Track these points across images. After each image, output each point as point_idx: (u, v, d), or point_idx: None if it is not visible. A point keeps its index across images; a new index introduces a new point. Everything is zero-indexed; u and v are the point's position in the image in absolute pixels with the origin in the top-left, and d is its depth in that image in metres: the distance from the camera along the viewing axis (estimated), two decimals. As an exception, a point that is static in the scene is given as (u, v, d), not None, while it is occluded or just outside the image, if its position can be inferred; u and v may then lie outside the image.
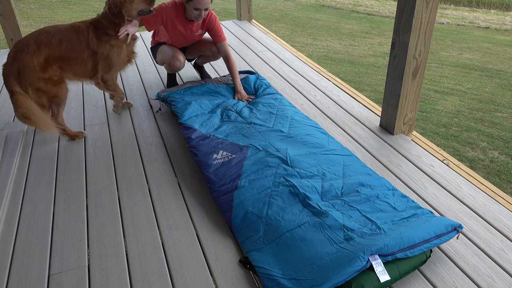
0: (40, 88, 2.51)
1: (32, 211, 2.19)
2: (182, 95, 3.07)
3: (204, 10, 2.90)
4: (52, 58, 2.53)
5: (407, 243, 1.69)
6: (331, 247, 1.74)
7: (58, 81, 2.58)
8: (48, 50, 2.50)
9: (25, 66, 2.44)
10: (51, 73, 2.53)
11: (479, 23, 11.28)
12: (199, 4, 2.85)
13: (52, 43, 2.51)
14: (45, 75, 2.50)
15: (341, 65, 7.88)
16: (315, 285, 1.59)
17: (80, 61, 2.61)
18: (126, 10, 2.59)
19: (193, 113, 2.85)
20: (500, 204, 2.15)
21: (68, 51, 2.56)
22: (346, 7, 12.95)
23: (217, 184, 2.23)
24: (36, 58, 2.46)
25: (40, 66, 2.48)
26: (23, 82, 2.45)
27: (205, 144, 2.54)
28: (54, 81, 2.56)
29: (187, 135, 2.64)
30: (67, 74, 2.65)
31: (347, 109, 3.15)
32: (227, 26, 5.17)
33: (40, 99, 2.53)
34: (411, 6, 2.34)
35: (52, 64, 2.54)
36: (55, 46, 2.52)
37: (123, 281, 1.77)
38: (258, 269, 1.75)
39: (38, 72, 2.47)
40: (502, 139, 5.19)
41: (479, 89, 6.80)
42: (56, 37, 2.53)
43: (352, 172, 2.26)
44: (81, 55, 2.60)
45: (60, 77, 2.60)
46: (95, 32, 2.60)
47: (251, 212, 2.01)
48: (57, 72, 2.57)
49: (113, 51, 2.65)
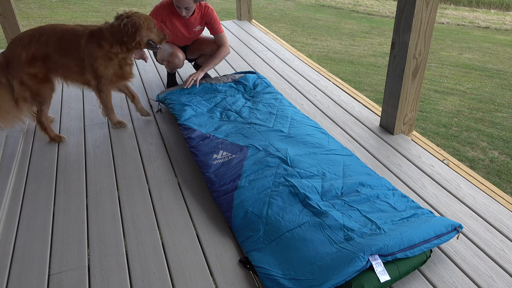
0: (24, 82, 2.52)
1: (32, 211, 2.19)
2: (178, 96, 3.07)
3: (184, 8, 2.95)
4: (40, 56, 2.52)
5: (407, 243, 1.69)
6: (331, 247, 1.74)
7: (42, 79, 2.57)
8: (37, 47, 2.50)
9: (14, 57, 2.48)
10: (36, 70, 2.53)
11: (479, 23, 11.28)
12: (178, 2, 2.93)
13: (42, 41, 2.51)
14: (31, 70, 2.51)
15: (341, 65, 7.88)
16: (315, 285, 1.59)
17: (67, 64, 2.58)
18: (140, 35, 2.56)
19: (191, 114, 2.86)
20: (500, 204, 2.15)
21: (56, 52, 2.54)
22: (346, 7, 12.95)
23: (217, 184, 2.23)
24: (25, 52, 2.48)
25: (27, 60, 2.49)
26: (10, 72, 2.48)
27: (205, 144, 2.54)
28: (38, 78, 2.55)
29: (187, 136, 2.64)
30: (56, 75, 2.64)
31: (347, 109, 3.15)
32: (227, 26, 5.17)
33: (23, 93, 2.54)
34: (411, 6, 2.34)
35: (38, 61, 2.53)
36: (44, 44, 2.51)
37: (123, 281, 1.77)
38: (258, 269, 1.75)
39: (24, 66, 2.49)
40: (502, 139, 5.19)
41: (479, 89, 6.80)
42: (49, 36, 2.52)
43: (352, 172, 2.26)
44: (68, 59, 2.57)
45: (45, 76, 2.58)
46: (89, 39, 2.55)
47: (251, 212, 2.01)
48: (42, 70, 2.56)
49: (99, 63, 2.58)
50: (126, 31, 2.52)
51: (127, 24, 2.51)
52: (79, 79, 2.67)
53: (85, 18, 9.56)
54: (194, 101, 3.00)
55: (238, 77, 3.36)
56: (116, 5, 10.79)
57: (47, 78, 2.60)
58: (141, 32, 2.55)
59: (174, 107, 2.95)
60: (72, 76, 2.65)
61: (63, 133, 2.91)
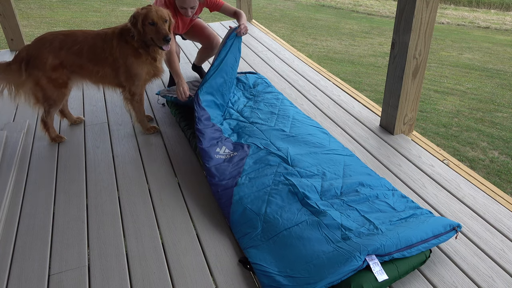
0: (40, 84, 2.51)
1: (32, 211, 2.19)
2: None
3: (190, 8, 2.87)
4: (69, 64, 2.51)
5: (404, 243, 1.69)
6: (327, 246, 1.74)
7: (61, 84, 2.56)
8: (68, 56, 2.48)
9: (38, 58, 2.45)
10: (58, 76, 2.52)
11: (479, 23, 11.28)
12: (183, 3, 2.84)
13: (75, 50, 2.48)
14: (53, 75, 2.50)
15: (341, 65, 7.88)
16: (310, 282, 1.60)
17: (101, 70, 2.56)
18: (140, 25, 2.43)
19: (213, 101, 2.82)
20: (500, 204, 2.15)
21: (89, 61, 2.52)
22: (346, 7, 12.95)
23: (216, 178, 2.24)
24: (52, 57, 2.46)
25: (52, 66, 2.47)
26: (29, 70, 2.46)
27: (211, 132, 2.56)
28: (57, 83, 2.54)
29: (198, 115, 2.61)
30: (84, 81, 2.64)
31: (347, 109, 3.15)
32: (227, 26, 5.17)
33: (37, 93, 2.54)
34: (411, 6, 2.34)
35: (65, 69, 2.52)
36: (77, 54, 2.49)
37: (123, 281, 1.77)
38: (255, 266, 1.76)
39: (47, 70, 2.47)
40: (502, 139, 5.19)
41: (479, 89, 6.80)
42: (82, 45, 2.49)
43: (353, 172, 2.26)
44: (102, 64, 2.54)
45: (65, 82, 2.57)
46: (119, 39, 2.51)
47: (249, 209, 2.01)
48: (65, 76, 2.54)
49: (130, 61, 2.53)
50: (132, 22, 2.45)
51: (131, 16, 2.46)
52: (113, 82, 2.64)
53: (85, 18, 9.55)
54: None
55: (239, 75, 3.38)
56: (116, 5, 10.79)
57: (65, 84, 2.58)
58: (139, 21, 2.43)
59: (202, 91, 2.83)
60: (106, 80, 2.63)
61: (63, 133, 2.91)
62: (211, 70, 2.82)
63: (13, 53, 4.40)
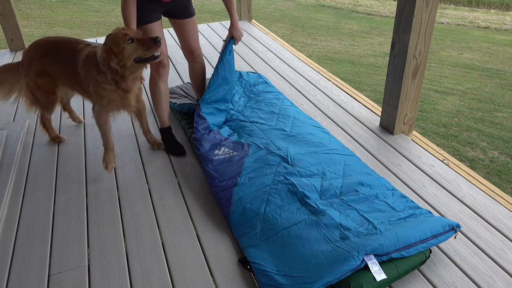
0: (29, 86, 2.54)
1: (32, 211, 2.19)
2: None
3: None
4: (49, 72, 2.48)
5: (402, 243, 1.69)
6: (326, 246, 1.74)
7: (48, 91, 2.55)
8: (47, 64, 2.45)
9: (26, 63, 2.51)
10: (44, 82, 2.51)
11: (479, 23, 11.28)
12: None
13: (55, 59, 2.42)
14: (38, 81, 2.50)
15: (341, 65, 7.88)
16: (308, 282, 1.60)
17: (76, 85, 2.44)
18: (117, 63, 2.10)
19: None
20: (500, 204, 2.15)
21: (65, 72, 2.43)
22: (346, 7, 12.94)
23: (216, 180, 2.24)
24: (36, 63, 2.46)
25: (35, 72, 2.48)
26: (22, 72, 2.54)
27: (209, 139, 2.56)
28: (44, 89, 2.54)
29: (196, 126, 2.62)
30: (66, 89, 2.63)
31: (347, 109, 3.15)
32: (227, 26, 5.17)
33: (29, 95, 2.59)
34: (411, 6, 2.34)
35: (49, 76, 2.50)
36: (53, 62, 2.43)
37: (123, 281, 1.77)
38: (253, 265, 1.76)
39: (32, 75, 2.49)
40: (502, 139, 5.19)
41: (479, 89, 6.80)
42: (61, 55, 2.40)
43: (353, 171, 2.26)
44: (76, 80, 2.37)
45: (53, 89, 2.55)
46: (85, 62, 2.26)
47: (249, 208, 2.02)
48: (52, 83, 2.52)
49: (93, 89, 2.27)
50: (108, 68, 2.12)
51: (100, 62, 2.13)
52: (86, 96, 2.46)
53: (85, 18, 9.55)
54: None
55: (240, 71, 3.39)
56: (116, 5, 10.78)
57: (53, 91, 2.56)
58: (112, 61, 2.09)
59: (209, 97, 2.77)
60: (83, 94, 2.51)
61: (63, 133, 2.91)
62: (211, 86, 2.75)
63: (13, 53, 4.40)
